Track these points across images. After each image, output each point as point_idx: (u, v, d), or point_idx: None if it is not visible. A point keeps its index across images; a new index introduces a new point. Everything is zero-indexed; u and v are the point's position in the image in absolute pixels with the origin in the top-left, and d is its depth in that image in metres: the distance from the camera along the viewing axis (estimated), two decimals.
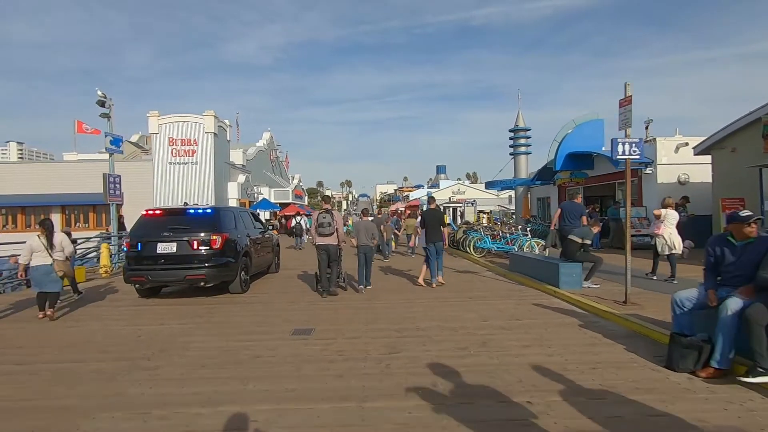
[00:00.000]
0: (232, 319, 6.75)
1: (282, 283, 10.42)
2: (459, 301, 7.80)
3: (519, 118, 27.53)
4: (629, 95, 6.73)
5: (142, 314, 7.25)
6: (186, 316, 6.99)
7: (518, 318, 6.45)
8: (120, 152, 15.40)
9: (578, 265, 8.36)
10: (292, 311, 7.23)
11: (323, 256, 8.38)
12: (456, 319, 6.48)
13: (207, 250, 8.04)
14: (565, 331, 5.71)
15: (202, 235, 8.06)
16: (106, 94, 14.80)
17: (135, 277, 7.93)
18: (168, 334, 5.98)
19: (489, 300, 7.80)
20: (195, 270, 7.90)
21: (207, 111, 25.60)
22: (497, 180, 27.79)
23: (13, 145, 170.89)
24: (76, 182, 25.01)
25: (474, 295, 8.30)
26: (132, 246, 8.04)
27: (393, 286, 9.62)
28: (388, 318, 6.67)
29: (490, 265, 12.27)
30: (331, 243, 8.35)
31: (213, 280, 8.10)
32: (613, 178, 18.40)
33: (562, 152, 19.42)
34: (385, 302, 7.83)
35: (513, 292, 8.47)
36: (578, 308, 7.00)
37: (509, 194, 49.25)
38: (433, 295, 8.43)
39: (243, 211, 10.33)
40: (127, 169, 25.87)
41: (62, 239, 7.30)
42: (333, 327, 6.17)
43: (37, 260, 7.01)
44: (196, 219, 8.29)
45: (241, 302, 8.06)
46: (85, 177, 24.43)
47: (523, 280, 9.55)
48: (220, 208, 8.76)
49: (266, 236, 11.13)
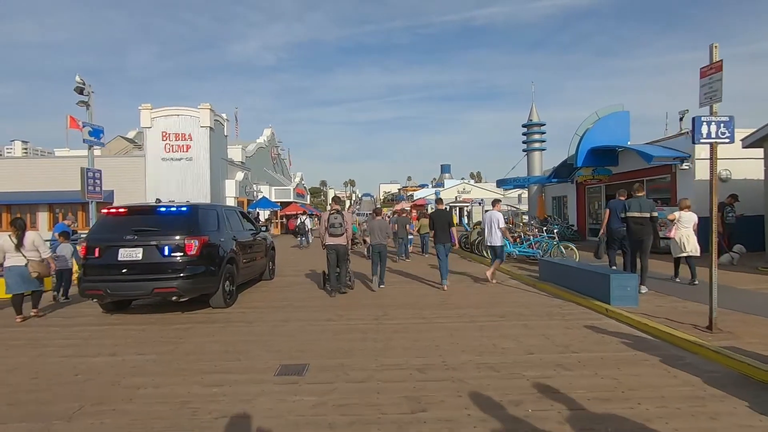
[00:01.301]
0: (206, 348, 5.28)
1: (276, 293, 8.96)
2: (489, 320, 6.32)
3: (533, 112, 26.05)
4: (717, 60, 5.22)
5: (96, 338, 5.80)
6: (148, 343, 5.53)
7: (574, 349, 4.96)
8: (101, 145, 13.97)
9: (633, 277, 6.87)
10: (283, 335, 5.76)
11: (333, 256, 8.37)
12: (492, 349, 5.00)
13: (181, 257, 6.59)
14: (647, 374, 4.22)
15: (174, 239, 6.60)
16: (85, 81, 13.38)
17: (91, 291, 6.48)
18: (116, 372, 4.52)
19: (527, 320, 6.31)
20: (165, 281, 6.44)
21: (202, 104, 24.17)
22: (509, 178, 26.27)
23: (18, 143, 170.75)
24: (65, 179, 23.61)
25: (506, 312, 6.81)
26: (88, 252, 6.59)
27: (407, 298, 8.14)
28: (403, 345, 5.20)
29: (514, 273, 10.76)
30: (341, 243, 8.34)
31: (188, 294, 6.65)
32: (642, 175, 16.80)
33: (584, 147, 17.89)
34: (398, 321, 6.36)
35: (553, 310, 6.97)
36: (647, 334, 5.49)
37: (519, 193, 47.72)
38: (456, 311, 6.95)
39: (230, 209, 8.87)
40: (118, 165, 24.59)
41: (34, 239, 6.93)
42: (333, 361, 4.70)
43: (11, 261, 6.78)
44: (167, 219, 6.83)
45: (222, 320, 6.60)
46: (75, 174, 23.05)
47: (560, 292, 8.05)
48: (199, 206, 7.30)
49: (258, 239, 9.68)
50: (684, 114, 15.96)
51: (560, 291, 8.11)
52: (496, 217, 9.47)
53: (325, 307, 7.48)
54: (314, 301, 8.03)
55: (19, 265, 6.73)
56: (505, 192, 56.86)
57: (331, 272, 8.46)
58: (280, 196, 36.76)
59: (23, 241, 6.74)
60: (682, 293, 7.59)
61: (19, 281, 6.73)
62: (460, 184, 71.18)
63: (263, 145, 40.14)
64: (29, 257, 6.79)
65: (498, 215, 9.51)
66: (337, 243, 8.32)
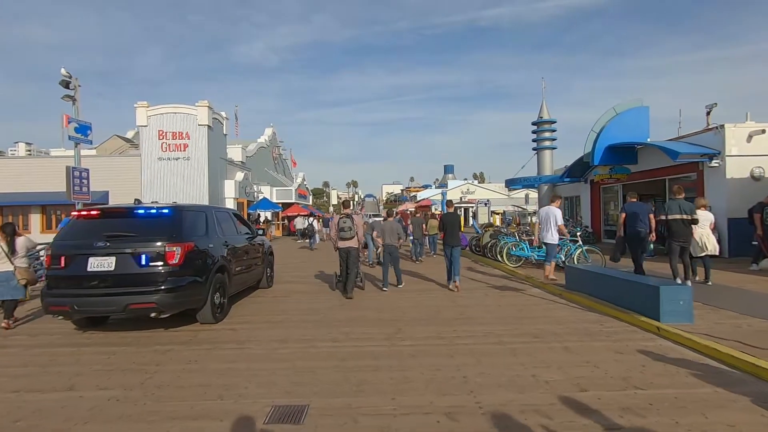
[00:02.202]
0: (184, 380, 4.36)
1: (273, 304, 8.04)
2: (520, 341, 5.37)
3: (543, 109, 24.99)
4: None
5: (56, 364, 4.89)
6: (116, 371, 4.61)
7: (636, 383, 4.01)
8: (89, 142, 13.08)
9: (687, 290, 5.91)
10: (279, 361, 4.84)
11: (344, 258, 8.52)
12: (533, 383, 4.06)
13: (161, 267, 5.67)
14: (743, 422, 3.27)
15: (153, 246, 5.69)
16: (72, 74, 12.52)
17: (55, 307, 5.56)
18: (67, 416, 3.61)
19: (565, 341, 5.36)
20: (142, 296, 5.53)
21: (200, 101, 23.31)
22: (519, 177, 25.26)
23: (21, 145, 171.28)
24: (60, 180, 22.78)
25: (538, 330, 5.86)
26: (52, 261, 5.68)
27: (420, 310, 7.21)
28: (424, 377, 4.27)
29: (535, 280, 9.81)
30: (352, 246, 8.53)
31: (170, 309, 5.73)
32: (664, 174, 15.84)
33: (601, 144, 16.92)
34: (413, 342, 5.43)
35: (592, 327, 6.02)
36: (719, 363, 4.53)
37: (526, 193, 46.73)
38: (479, 328, 6.01)
39: (222, 211, 7.96)
40: (113, 165, 23.77)
41: (26, 244, 6.78)
42: (338, 400, 3.77)
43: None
44: (146, 223, 5.91)
45: (209, 340, 5.68)
46: None
47: (593, 304, 7.10)
48: (184, 207, 6.39)
49: (254, 244, 8.77)
50: (712, 108, 14.96)
51: (593, 303, 7.16)
52: (553, 213, 9.00)
53: (328, 322, 6.56)
54: (316, 314, 7.11)
55: (6, 271, 6.52)
56: (509, 192, 56.03)
57: (343, 274, 8.61)
58: (281, 197, 35.85)
59: (15, 247, 6.61)
60: (730, 303, 6.67)
61: (5, 288, 6.50)
62: (464, 184, 70.09)
63: (264, 144, 39.25)
64: (18, 264, 6.62)
65: (556, 211, 9.04)
66: (348, 246, 8.50)
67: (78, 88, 12.55)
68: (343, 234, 8.40)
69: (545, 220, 9.34)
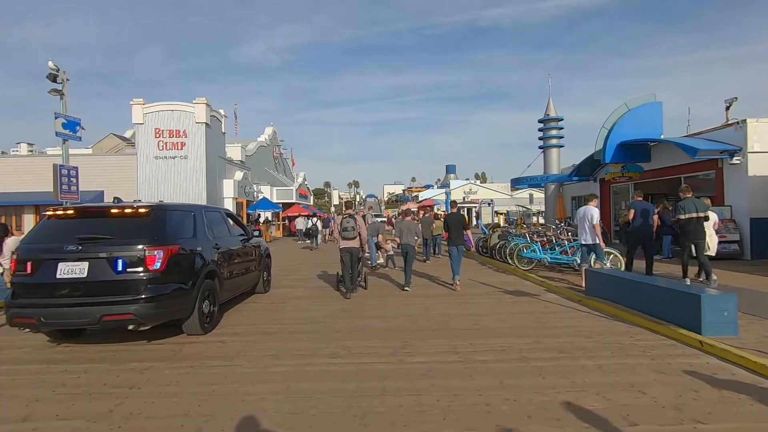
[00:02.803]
0: (158, 408, 3.73)
1: (269, 311, 7.42)
2: (546, 358, 4.74)
3: (549, 107, 24.34)
4: None
5: (16, 386, 4.26)
6: (83, 396, 3.99)
7: (692, 414, 3.38)
8: (77, 138, 12.46)
9: (731, 298, 5.27)
10: (270, 382, 4.21)
11: (347, 258, 8.53)
12: (572, 413, 3.42)
13: (141, 273, 5.05)
14: None
15: (132, 249, 5.07)
16: (59, 67, 11.93)
17: (21, 318, 4.93)
18: None
19: (596, 357, 4.73)
20: (118, 306, 4.91)
21: (198, 98, 22.71)
22: (525, 176, 24.57)
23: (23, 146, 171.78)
24: None
25: (563, 344, 5.22)
26: (18, 267, 5.06)
27: (429, 319, 6.59)
28: (439, 404, 3.64)
29: (549, 284, 9.17)
30: (354, 246, 8.60)
31: (151, 321, 5.11)
32: (679, 172, 15.18)
33: (613, 141, 16.27)
34: (424, 358, 4.80)
35: (623, 340, 5.37)
36: None
37: (530, 193, 46.08)
38: (496, 341, 5.37)
39: (213, 211, 7.34)
40: (108, 164, 23.23)
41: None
42: None
43: None
44: (125, 224, 5.29)
45: (194, 356, 5.06)
46: None
47: (619, 312, 6.47)
48: (168, 207, 5.76)
49: (250, 246, 8.16)
50: (732, 102, 14.31)
51: (619, 311, 6.53)
52: (590, 212, 8.59)
53: (328, 333, 5.94)
54: (314, 323, 6.49)
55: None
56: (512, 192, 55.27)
57: (345, 273, 8.57)
58: (282, 197, 35.24)
59: (2, 248, 6.47)
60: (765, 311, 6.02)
61: None
62: (466, 184, 69.40)
63: (264, 143, 38.63)
64: (5, 266, 6.52)
65: (594, 211, 8.61)
66: (351, 246, 8.56)
67: (66, 82, 11.96)
68: (346, 234, 8.48)
69: (582, 220, 8.83)
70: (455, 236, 9.13)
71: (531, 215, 35.70)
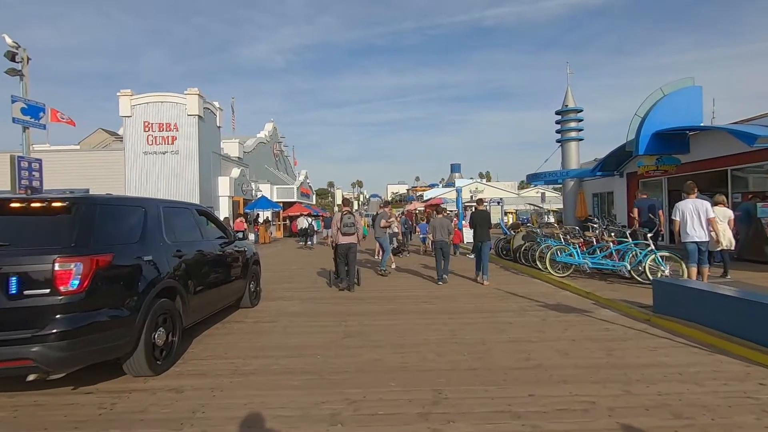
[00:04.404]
0: None
1: (252, 335, 5.79)
2: (660, 428, 3.08)
3: (568, 97, 22.61)
4: None
5: None
6: None
7: None
8: (41, 126, 10.84)
9: None
10: None
11: (344, 254, 8.83)
12: None
13: (49, 297, 3.43)
14: None
15: (34, 261, 3.45)
16: (19, 44, 10.37)
17: None
18: None
19: (733, 425, 3.07)
20: (10, 348, 3.29)
21: (190, 89, 21.12)
22: (542, 172, 22.89)
23: None
24: None
25: (671, 400, 3.55)
26: None
27: (463, 350, 4.94)
28: None
29: (599, 297, 7.50)
30: (352, 241, 8.88)
31: (62, 367, 3.49)
32: (726, 164, 13.45)
33: (647, 130, 14.59)
34: (472, 424, 3.15)
35: (750, 388, 3.71)
36: None
37: (542, 192, 44.33)
38: (567, 389, 3.72)
39: (177, 206, 5.67)
40: (95, 160, 21.70)
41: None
42: None
43: None
44: (30, 224, 3.68)
45: (125, 420, 3.43)
46: (52, 170, 20.19)
47: (716, 341, 4.81)
48: (98, 200, 4.13)
49: (232, 251, 6.55)
50: None
51: (711, 337, 4.89)
52: (705, 205, 7.29)
53: (326, 375, 4.29)
54: (309, 357, 4.84)
55: None
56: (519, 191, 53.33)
57: (340, 268, 8.98)
58: (282, 196, 33.68)
59: None
60: None
61: None
62: (472, 183, 67.61)
63: (264, 140, 37.03)
64: None
65: (706, 204, 7.34)
66: (350, 241, 8.86)
67: (26, 60, 10.38)
68: (347, 230, 8.76)
69: (692, 215, 7.38)
70: (481, 233, 9.34)
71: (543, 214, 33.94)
